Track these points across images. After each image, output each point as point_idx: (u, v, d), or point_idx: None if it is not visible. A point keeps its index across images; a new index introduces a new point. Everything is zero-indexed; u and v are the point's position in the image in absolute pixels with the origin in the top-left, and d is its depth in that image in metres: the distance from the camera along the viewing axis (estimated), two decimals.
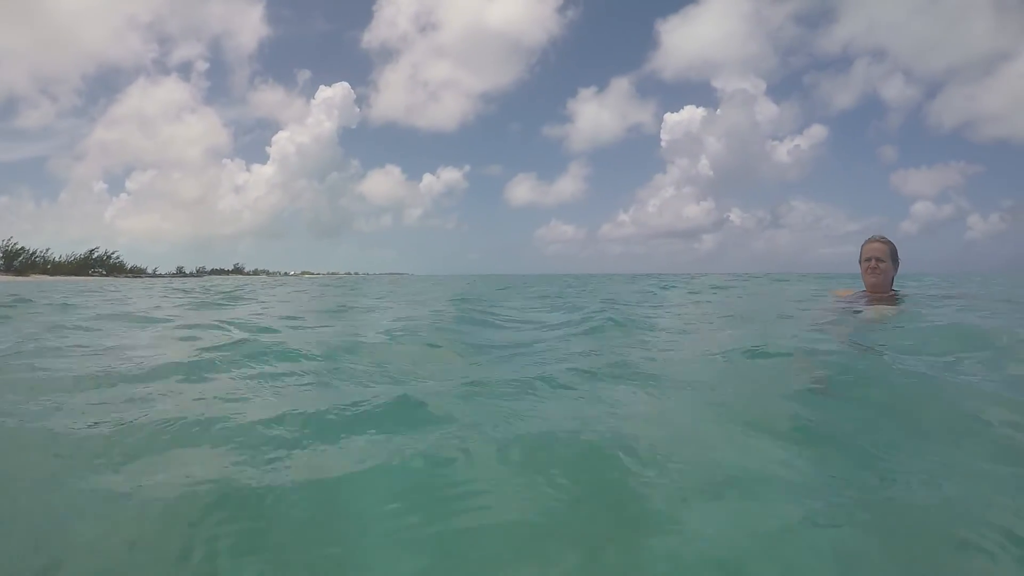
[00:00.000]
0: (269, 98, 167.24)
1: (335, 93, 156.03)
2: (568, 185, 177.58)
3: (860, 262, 4.55)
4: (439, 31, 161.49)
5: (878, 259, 4.46)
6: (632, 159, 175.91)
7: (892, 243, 4.50)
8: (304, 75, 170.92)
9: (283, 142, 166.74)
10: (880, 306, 4.46)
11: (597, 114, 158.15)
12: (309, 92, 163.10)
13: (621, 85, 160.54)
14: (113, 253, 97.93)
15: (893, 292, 4.62)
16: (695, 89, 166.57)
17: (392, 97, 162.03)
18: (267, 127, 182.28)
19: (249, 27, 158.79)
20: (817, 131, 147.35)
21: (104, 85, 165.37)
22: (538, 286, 14.86)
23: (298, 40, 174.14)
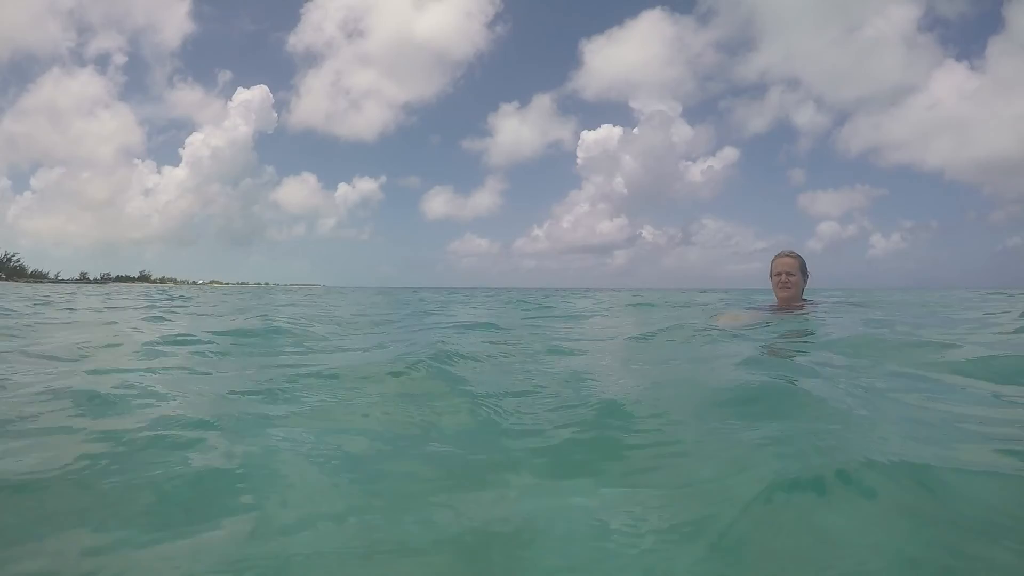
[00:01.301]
0: (187, 97, 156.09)
1: (253, 96, 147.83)
2: (484, 199, 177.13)
3: (771, 276, 4.43)
4: (366, 38, 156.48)
5: (788, 273, 4.35)
6: (549, 175, 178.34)
7: (801, 257, 4.47)
8: (225, 76, 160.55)
9: (197, 144, 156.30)
10: (791, 312, 4.31)
11: (517, 130, 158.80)
12: (228, 93, 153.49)
13: (543, 102, 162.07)
14: (14, 255, 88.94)
15: (803, 302, 4.47)
16: (614, 109, 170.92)
17: (313, 103, 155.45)
18: (182, 128, 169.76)
19: (174, 22, 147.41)
20: (730, 153, 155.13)
21: (16, 73, 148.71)
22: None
23: (222, 39, 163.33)
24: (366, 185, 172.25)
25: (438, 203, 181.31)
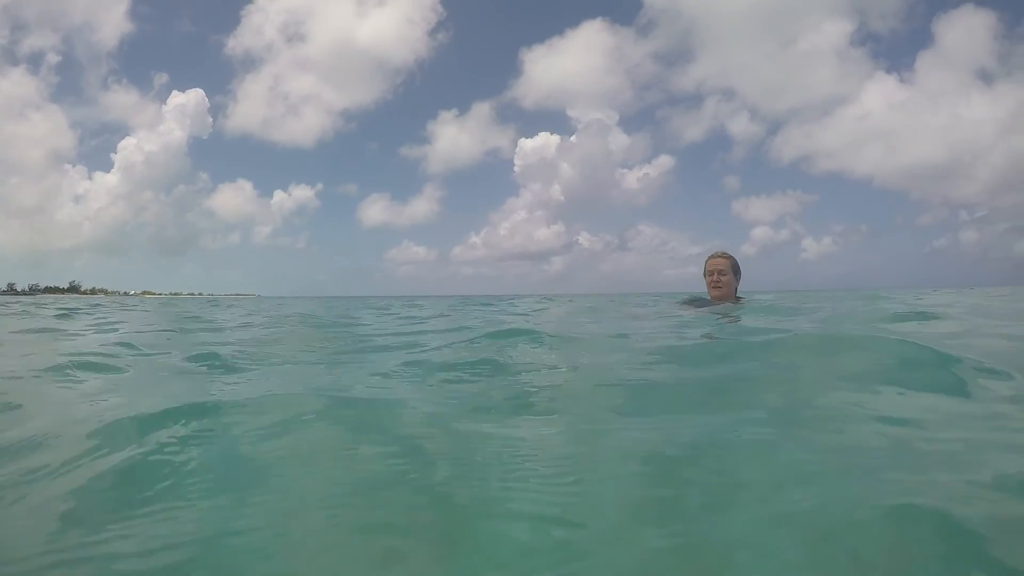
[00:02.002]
0: (121, 100, 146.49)
1: (188, 100, 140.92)
2: (422, 206, 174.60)
3: (704, 276, 4.66)
4: (306, 43, 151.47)
5: (720, 272, 4.61)
6: (487, 182, 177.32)
7: (733, 257, 4.70)
8: (161, 78, 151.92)
9: (130, 149, 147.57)
10: (723, 304, 4.54)
11: (456, 137, 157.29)
12: (164, 96, 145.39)
13: (482, 110, 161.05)
14: None
15: (737, 299, 4.75)
16: (552, 117, 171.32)
17: (250, 108, 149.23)
18: (116, 131, 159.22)
19: (112, 22, 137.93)
20: (665, 161, 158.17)
21: None
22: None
23: (160, 40, 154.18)
24: (302, 192, 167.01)
25: (375, 211, 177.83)
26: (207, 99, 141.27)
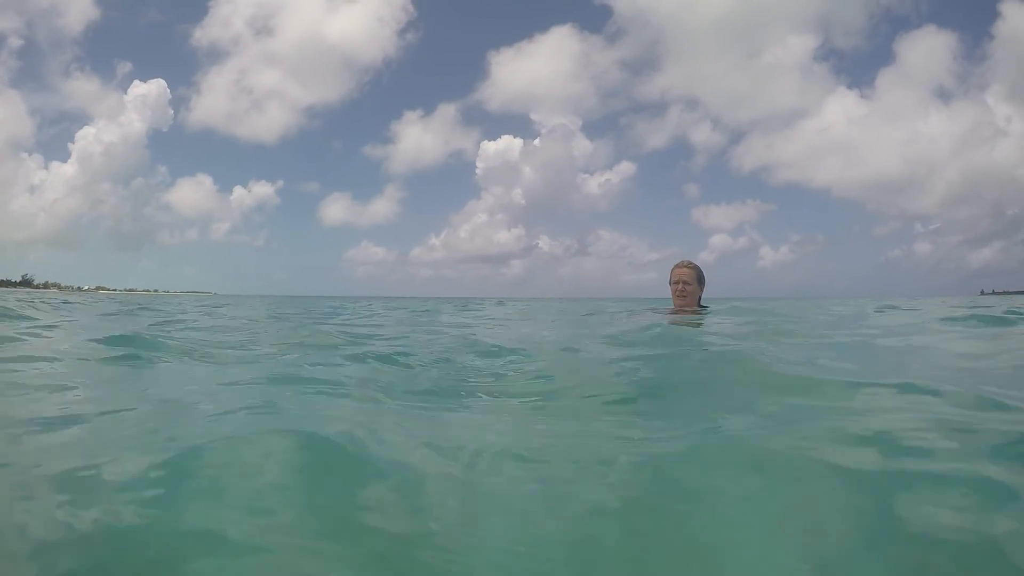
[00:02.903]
0: (83, 88, 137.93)
1: (150, 90, 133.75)
2: (383, 207, 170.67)
3: (669, 284, 4.57)
4: (274, 37, 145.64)
5: (685, 283, 4.51)
6: (449, 184, 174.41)
7: (698, 267, 4.66)
8: (124, 67, 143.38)
9: (88, 139, 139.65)
10: (686, 313, 4.52)
11: (420, 138, 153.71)
12: (126, 86, 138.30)
13: (447, 111, 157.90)
14: None
15: (699, 308, 4.63)
16: (516, 121, 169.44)
17: (213, 101, 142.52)
18: (75, 120, 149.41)
19: (78, 6, 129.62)
20: (627, 167, 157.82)
21: None
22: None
23: (126, 28, 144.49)
24: (263, 189, 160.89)
25: (335, 210, 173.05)
26: (169, 90, 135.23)
